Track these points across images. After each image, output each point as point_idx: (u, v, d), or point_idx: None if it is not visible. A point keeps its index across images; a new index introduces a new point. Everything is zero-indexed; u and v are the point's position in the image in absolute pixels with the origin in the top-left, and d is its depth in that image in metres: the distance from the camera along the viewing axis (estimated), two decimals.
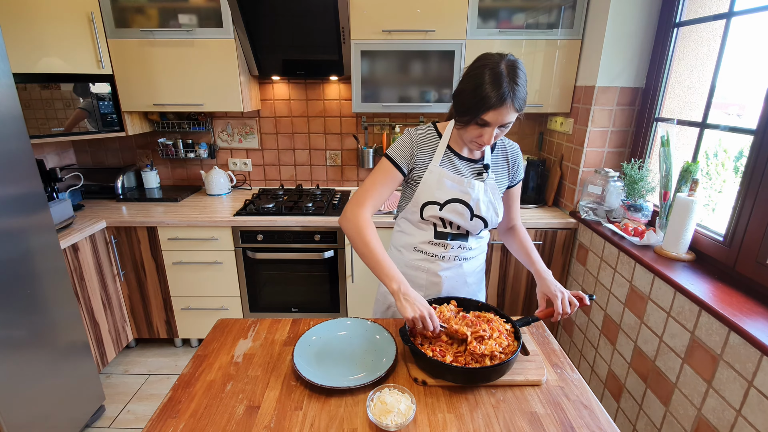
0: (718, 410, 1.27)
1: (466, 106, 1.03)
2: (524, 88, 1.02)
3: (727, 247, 1.48)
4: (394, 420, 0.86)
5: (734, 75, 1.54)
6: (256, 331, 1.23)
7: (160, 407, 0.94)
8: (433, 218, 1.21)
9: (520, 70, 1.01)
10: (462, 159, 1.21)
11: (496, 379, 0.99)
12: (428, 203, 1.19)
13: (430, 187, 1.18)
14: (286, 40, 2.23)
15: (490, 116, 1.01)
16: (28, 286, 1.59)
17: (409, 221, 1.27)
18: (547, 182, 2.47)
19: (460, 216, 1.20)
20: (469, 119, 1.05)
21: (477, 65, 1.03)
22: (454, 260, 1.27)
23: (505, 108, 1.00)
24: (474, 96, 1.01)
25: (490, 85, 0.98)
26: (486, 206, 1.20)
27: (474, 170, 1.22)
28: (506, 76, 0.99)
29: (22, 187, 1.57)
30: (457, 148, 1.21)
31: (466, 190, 1.18)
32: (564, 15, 2.12)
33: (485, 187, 1.20)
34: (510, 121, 1.04)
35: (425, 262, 1.27)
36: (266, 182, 2.83)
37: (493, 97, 0.98)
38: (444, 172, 1.18)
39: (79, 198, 2.43)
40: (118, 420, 2.03)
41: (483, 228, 1.24)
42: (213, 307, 2.37)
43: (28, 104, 2.03)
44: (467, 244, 1.26)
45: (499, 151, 1.26)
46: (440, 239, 1.24)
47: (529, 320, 1.14)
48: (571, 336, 2.24)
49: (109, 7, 2.13)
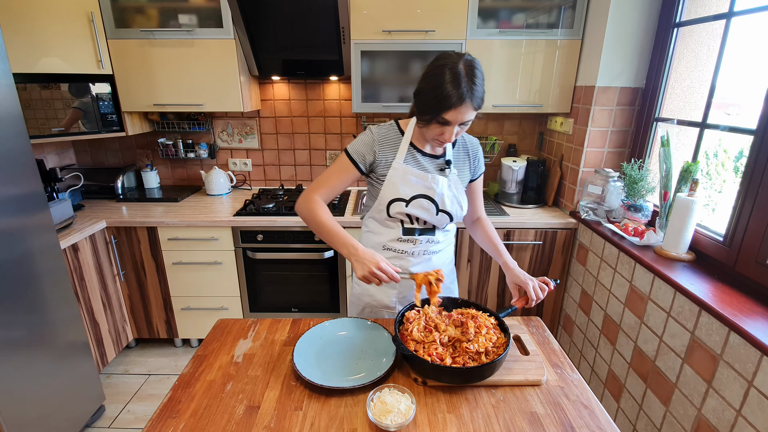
0: (718, 410, 1.27)
1: (427, 105, 1.06)
2: (482, 86, 1.04)
3: (727, 247, 1.48)
4: (394, 420, 0.86)
5: (734, 75, 1.54)
6: (256, 331, 1.23)
7: (160, 407, 0.94)
8: (399, 215, 1.23)
9: (478, 69, 1.04)
10: (425, 155, 1.24)
11: (492, 375, 0.99)
12: (394, 200, 1.21)
13: (395, 184, 1.20)
14: (286, 40, 2.23)
15: (450, 115, 1.04)
16: (28, 286, 1.59)
17: (376, 220, 1.30)
18: (547, 182, 2.47)
19: (426, 211, 1.22)
20: (430, 118, 1.07)
21: (436, 65, 1.05)
22: (423, 254, 1.30)
23: (465, 107, 1.03)
24: (434, 96, 1.03)
25: (450, 85, 1.01)
26: (450, 201, 1.23)
27: (437, 166, 1.25)
28: (465, 75, 1.01)
29: (22, 187, 1.57)
30: (419, 144, 1.23)
31: (430, 186, 1.21)
32: (564, 15, 2.12)
33: (448, 182, 1.23)
34: (470, 119, 1.07)
35: (395, 259, 1.30)
36: (266, 182, 2.83)
37: (453, 97, 1.01)
38: (408, 168, 1.20)
39: (79, 198, 2.43)
40: (118, 420, 2.03)
41: (449, 222, 1.28)
42: (213, 307, 2.37)
43: (28, 104, 2.03)
44: (435, 238, 1.30)
45: (460, 147, 1.29)
46: (408, 235, 1.27)
47: (509, 310, 1.16)
48: (571, 336, 2.24)
49: (109, 7, 2.13)
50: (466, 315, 1.10)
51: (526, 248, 2.22)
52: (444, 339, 1.03)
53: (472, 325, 1.04)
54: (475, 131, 2.64)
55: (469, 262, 2.24)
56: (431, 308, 1.14)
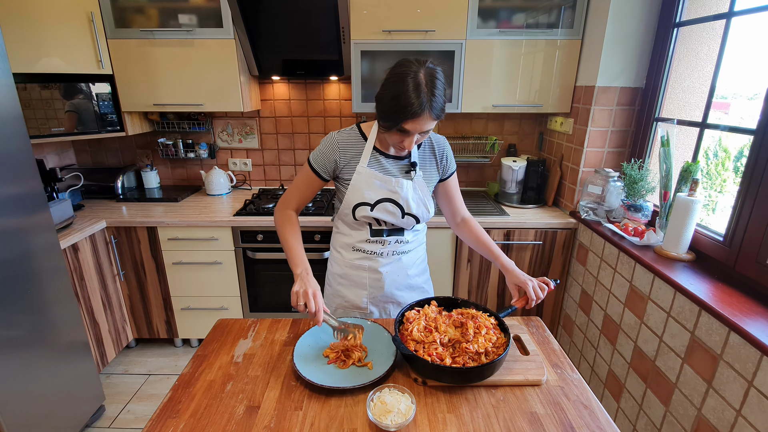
0: (718, 410, 1.27)
1: (387, 113, 1.05)
2: (442, 97, 1.03)
3: (727, 247, 1.48)
4: (394, 420, 0.86)
5: (734, 74, 1.54)
6: (256, 331, 1.23)
7: (160, 407, 0.94)
8: (365, 218, 1.23)
9: (438, 79, 1.03)
10: (389, 158, 1.23)
11: (492, 375, 0.99)
12: (359, 204, 1.21)
13: (360, 188, 1.20)
14: (286, 40, 2.23)
15: (410, 125, 1.03)
16: (28, 286, 1.59)
17: (344, 222, 1.30)
18: (547, 182, 2.47)
19: (391, 215, 1.22)
20: (389, 125, 1.06)
21: (397, 72, 1.04)
22: (393, 255, 1.31)
23: (424, 118, 1.02)
24: (394, 104, 1.02)
25: (411, 95, 1.00)
26: (416, 204, 1.23)
27: (401, 168, 1.24)
28: (425, 86, 1.00)
29: (22, 187, 1.57)
30: (383, 147, 1.23)
31: (394, 190, 1.20)
32: (564, 15, 2.12)
33: (413, 185, 1.22)
34: (429, 129, 1.07)
35: (365, 260, 1.30)
36: (266, 182, 2.83)
37: (413, 107, 1.00)
38: (372, 173, 1.20)
39: (79, 198, 2.43)
40: (118, 420, 2.03)
41: (415, 224, 1.28)
42: (213, 307, 2.37)
43: (28, 104, 2.03)
44: (404, 238, 1.30)
45: (426, 147, 1.28)
46: (376, 236, 1.27)
47: (509, 311, 1.16)
48: (571, 336, 2.24)
49: (109, 7, 2.13)
50: (466, 315, 1.10)
51: (526, 248, 2.22)
52: (444, 339, 1.03)
53: (472, 325, 1.05)
54: (476, 131, 2.65)
55: (469, 262, 2.24)
56: (431, 308, 1.14)
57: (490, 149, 2.57)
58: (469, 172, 2.77)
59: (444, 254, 2.23)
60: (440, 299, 1.21)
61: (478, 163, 2.70)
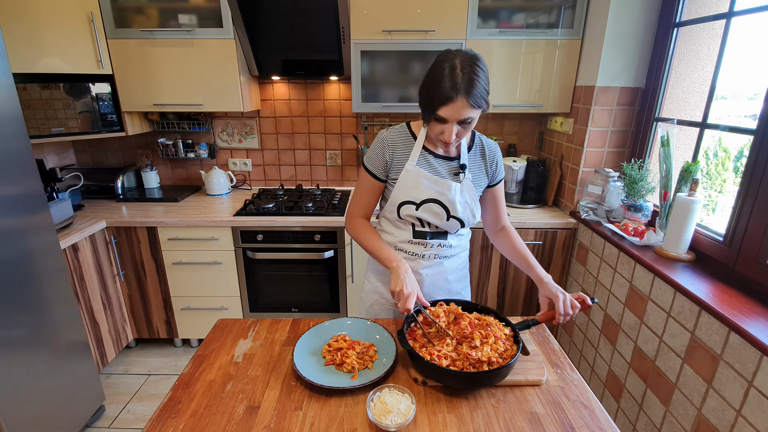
0: (718, 410, 1.27)
1: (425, 102, 1.05)
2: (482, 84, 1.00)
3: (727, 247, 1.48)
4: (394, 420, 0.86)
5: (734, 74, 1.54)
6: (256, 331, 1.23)
7: (160, 407, 0.94)
8: (410, 218, 1.21)
9: (478, 66, 1.00)
10: (438, 157, 1.21)
11: (495, 384, 0.99)
12: (404, 203, 1.19)
13: (407, 186, 1.19)
14: (286, 40, 2.23)
15: (444, 111, 1.01)
16: (28, 287, 1.59)
17: (389, 220, 1.28)
18: (547, 182, 2.47)
19: (436, 216, 1.20)
20: (428, 115, 1.06)
21: (436, 61, 1.04)
22: (435, 258, 1.28)
23: (459, 103, 0.99)
24: (430, 91, 1.02)
25: (445, 80, 0.99)
26: (462, 207, 1.20)
27: (450, 169, 1.21)
28: (460, 70, 0.98)
29: (22, 187, 1.57)
30: (432, 147, 1.21)
31: (442, 191, 1.18)
32: (564, 15, 2.12)
33: (461, 187, 1.20)
34: (468, 117, 1.02)
35: (406, 260, 1.27)
36: (266, 182, 2.83)
37: (446, 91, 0.98)
38: (421, 171, 1.18)
39: (79, 198, 2.43)
40: (118, 420, 2.03)
41: (459, 228, 1.24)
42: (213, 307, 2.37)
43: (28, 104, 2.03)
44: (447, 242, 1.27)
45: (476, 150, 1.25)
46: (419, 238, 1.25)
47: (530, 323, 1.11)
48: (571, 336, 2.24)
49: (109, 7, 2.13)
50: (482, 321, 1.08)
51: None
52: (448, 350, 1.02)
53: (479, 336, 1.03)
54: (476, 131, 2.64)
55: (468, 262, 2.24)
56: (442, 319, 1.11)
57: None
58: None
59: None
60: (459, 302, 1.18)
61: None
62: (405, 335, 1.06)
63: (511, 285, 2.31)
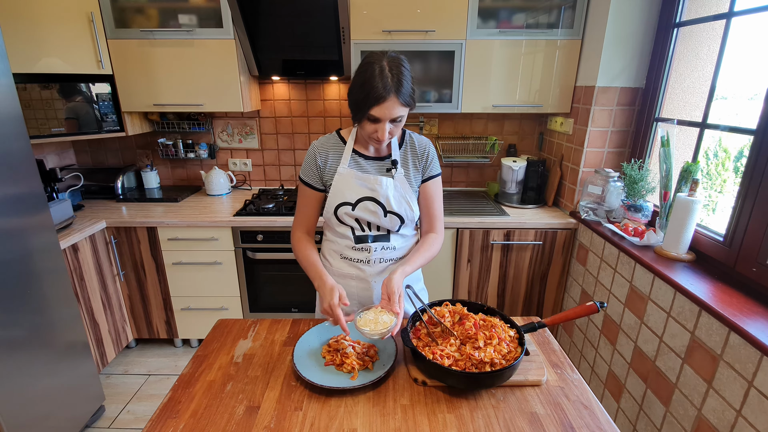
0: (718, 410, 1.27)
1: (356, 102, 1.08)
2: (408, 82, 1.05)
3: (728, 248, 1.48)
4: (374, 329, 1.00)
5: (734, 74, 1.54)
6: (256, 331, 1.23)
7: (160, 407, 0.94)
8: (349, 219, 1.22)
9: (403, 66, 1.05)
10: (368, 159, 1.23)
11: (497, 385, 0.99)
12: (341, 205, 1.21)
13: (341, 189, 1.20)
14: (286, 40, 2.23)
15: (377, 111, 1.04)
16: (28, 286, 1.59)
17: (330, 228, 1.29)
18: (547, 182, 2.47)
19: (373, 214, 1.21)
20: (360, 116, 1.08)
21: (364, 63, 1.07)
22: (380, 263, 1.26)
23: (390, 102, 1.03)
24: (361, 92, 1.05)
25: (375, 80, 1.02)
26: (397, 201, 1.21)
27: (381, 168, 1.23)
28: (390, 71, 1.03)
29: (22, 187, 1.57)
30: (362, 150, 1.23)
31: (374, 188, 1.19)
32: (564, 15, 2.12)
33: (394, 182, 1.21)
34: (399, 115, 1.07)
35: (352, 268, 1.27)
36: (266, 182, 2.83)
37: (378, 90, 1.02)
38: (352, 172, 1.20)
39: (79, 198, 2.43)
40: (118, 420, 2.03)
41: (400, 224, 1.24)
42: (213, 308, 2.37)
43: (28, 104, 2.03)
44: (390, 245, 1.26)
45: (407, 146, 1.26)
46: (361, 243, 1.25)
47: (535, 326, 1.11)
48: (571, 336, 2.24)
49: (109, 7, 2.13)
50: (487, 322, 1.08)
51: (526, 248, 2.22)
52: (452, 350, 1.02)
53: (482, 337, 1.03)
54: (476, 131, 2.65)
55: (469, 262, 2.24)
56: (447, 319, 1.11)
57: (490, 149, 2.57)
58: (469, 173, 2.77)
59: (444, 254, 2.23)
60: (465, 302, 1.18)
61: (478, 163, 2.70)
62: (409, 334, 1.06)
63: (511, 285, 2.31)
